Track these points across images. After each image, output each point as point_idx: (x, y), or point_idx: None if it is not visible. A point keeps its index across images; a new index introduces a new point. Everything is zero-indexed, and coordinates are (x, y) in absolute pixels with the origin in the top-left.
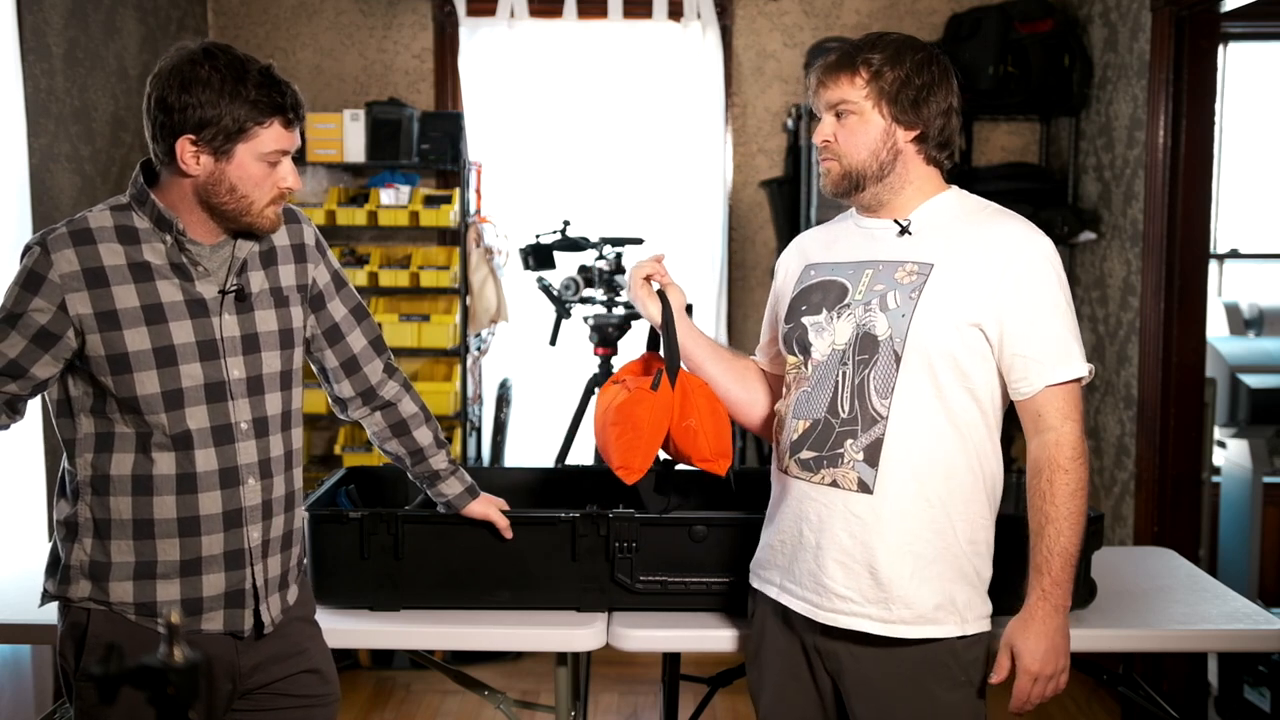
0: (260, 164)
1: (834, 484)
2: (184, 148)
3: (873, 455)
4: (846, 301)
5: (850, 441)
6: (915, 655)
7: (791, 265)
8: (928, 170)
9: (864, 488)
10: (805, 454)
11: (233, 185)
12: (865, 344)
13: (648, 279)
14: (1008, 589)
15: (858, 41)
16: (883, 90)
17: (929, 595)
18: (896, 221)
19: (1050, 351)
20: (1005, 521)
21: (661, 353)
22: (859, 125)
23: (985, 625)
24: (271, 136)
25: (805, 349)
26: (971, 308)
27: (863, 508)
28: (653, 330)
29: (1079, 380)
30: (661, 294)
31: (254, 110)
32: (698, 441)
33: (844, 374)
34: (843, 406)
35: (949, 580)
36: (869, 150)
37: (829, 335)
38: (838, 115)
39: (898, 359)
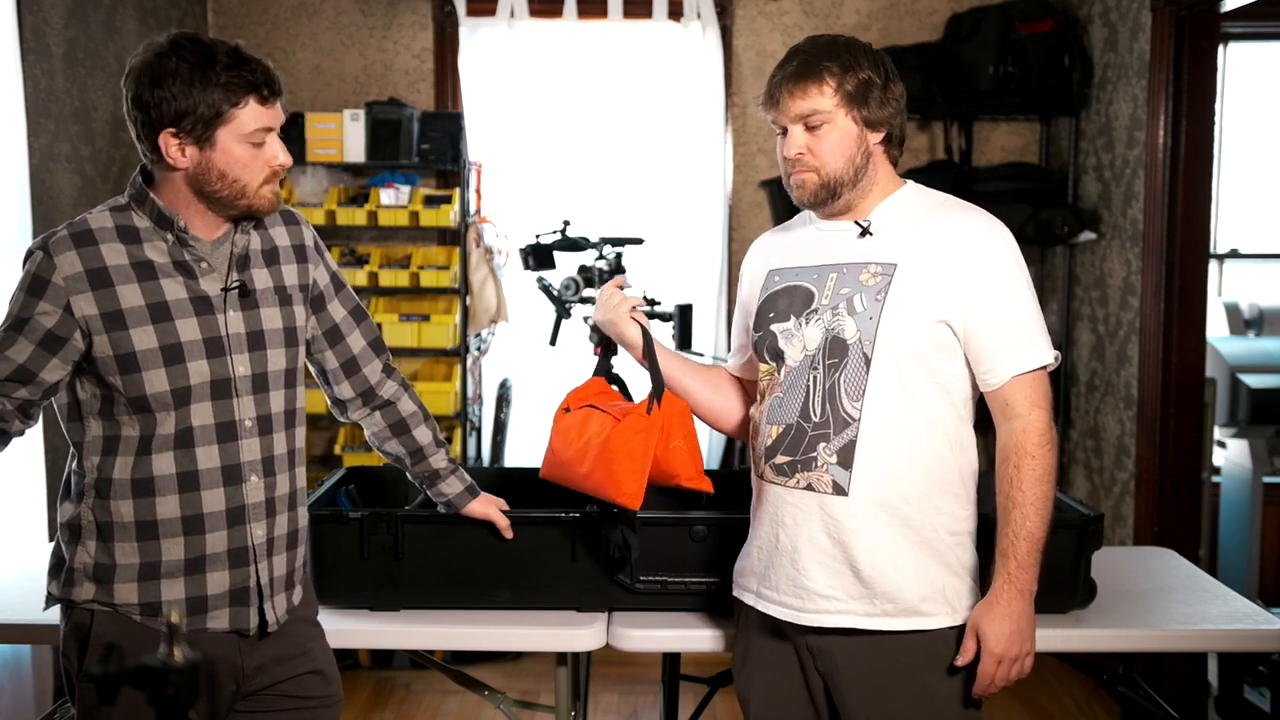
0: (244, 145)
1: (809, 487)
2: (167, 142)
3: (846, 458)
4: (814, 306)
5: (823, 445)
6: (909, 647)
7: (755, 272)
8: (888, 168)
9: (839, 490)
10: (779, 459)
11: (222, 172)
12: (835, 348)
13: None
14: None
15: (806, 48)
16: (850, 95)
17: (914, 589)
18: (857, 223)
19: (1016, 341)
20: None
21: (616, 376)
22: (832, 133)
23: None
24: (250, 116)
25: (778, 356)
26: (938, 304)
27: (839, 510)
28: (604, 356)
29: (1045, 368)
30: (638, 322)
31: (226, 93)
32: (685, 462)
33: (814, 378)
34: (814, 410)
35: (933, 573)
36: (845, 158)
37: (799, 341)
38: (808, 127)
39: (867, 361)
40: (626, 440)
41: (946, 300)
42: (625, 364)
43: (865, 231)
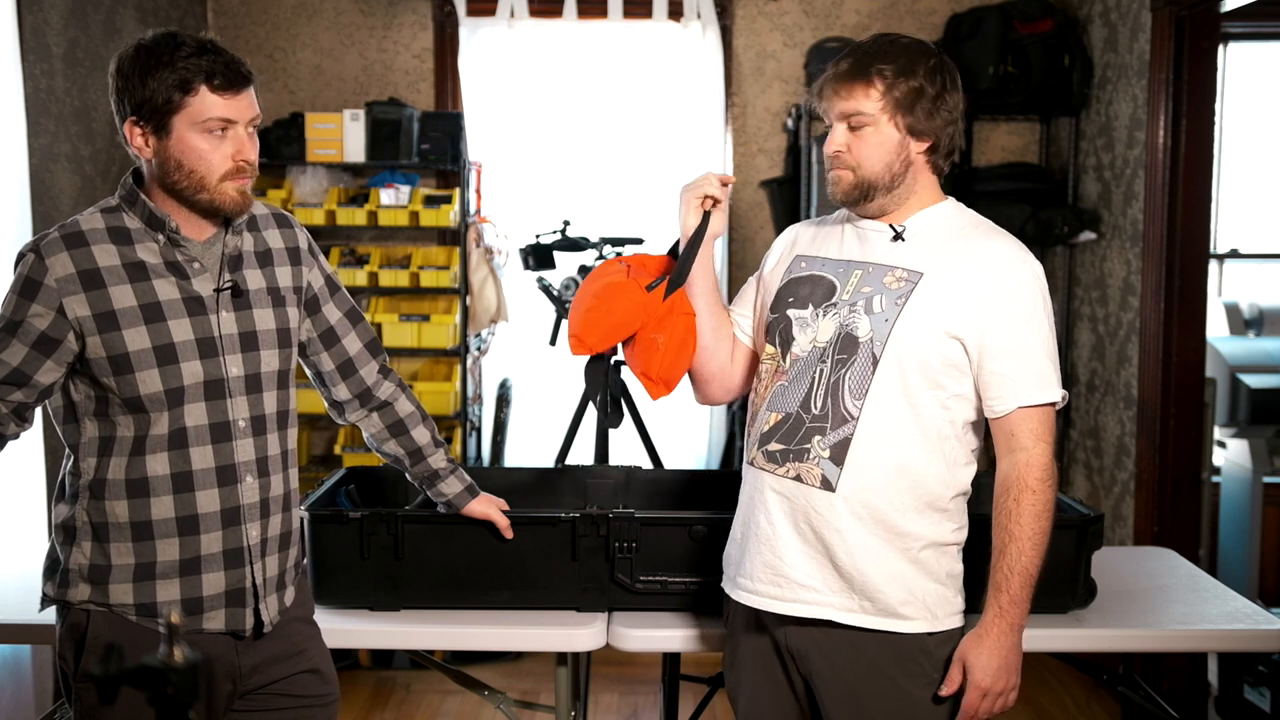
0: (200, 135)
1: (798, 478)
2: (131, 132)
3: (839, 454)
4: (833, 300)
5: (818, 438)
6: (886, 651)
7: (782, 254)
8: (931, 178)
9: (826, 485)
10: (773, 446)
11: (179, 162)
12: (846, 344)
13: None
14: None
15: (867, 47)
16: (897, 101)
17: (894, 591)
18: (892, 227)
19: (1028, 373)
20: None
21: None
22: (873, 137)
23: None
24: (203, 103)
25: (787, 342)
26: (955, 320)
27: (823, 504)
28: (678, 240)
29: (1053, 405)
30: (706, 214)
31: (179, 78)
32: (652, 358)
33: (821, 371)
34: (815, 403)
35: (913, 578)
36: (883, 162)
37: (812, 331)
38: (851, 126)
39: (875, 362)
40: (612, 296)
41: (965, 318)
42: None
43: (898, 236)
